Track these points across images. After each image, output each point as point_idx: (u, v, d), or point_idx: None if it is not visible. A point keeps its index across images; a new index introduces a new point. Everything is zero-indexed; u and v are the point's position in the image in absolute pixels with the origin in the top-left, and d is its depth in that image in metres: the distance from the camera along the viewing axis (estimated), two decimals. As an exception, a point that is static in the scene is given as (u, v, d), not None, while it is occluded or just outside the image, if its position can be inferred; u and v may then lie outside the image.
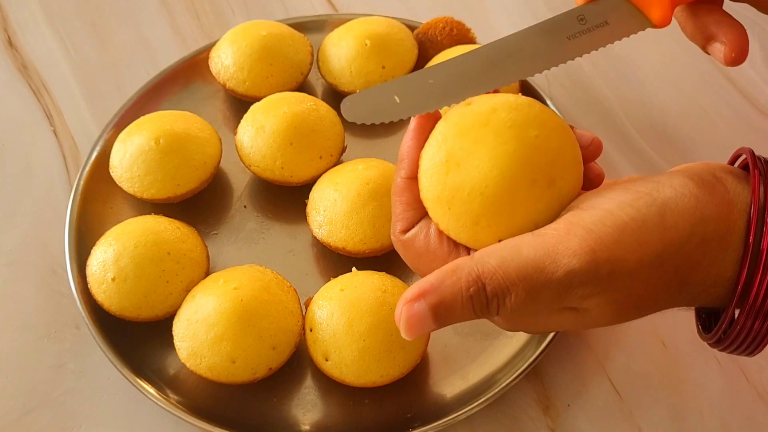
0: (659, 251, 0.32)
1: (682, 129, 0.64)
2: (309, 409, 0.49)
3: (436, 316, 0.33)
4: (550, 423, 0.49)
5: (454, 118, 0.36)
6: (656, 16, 0.38)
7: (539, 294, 0.32)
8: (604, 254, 0.31)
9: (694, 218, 0.32)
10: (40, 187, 0.60)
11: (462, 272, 0.33)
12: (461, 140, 0.35)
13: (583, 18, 0.39)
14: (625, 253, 0.31)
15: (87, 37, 0.71)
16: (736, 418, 0.49)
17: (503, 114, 0.35)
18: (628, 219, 0.32)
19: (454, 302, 0.32)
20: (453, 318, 0.33)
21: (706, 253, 0.33)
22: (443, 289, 0.33)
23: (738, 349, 0.35)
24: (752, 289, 0.32)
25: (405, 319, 0.33)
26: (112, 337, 0.50)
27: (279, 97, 0.58)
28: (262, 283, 0.49)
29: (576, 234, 0.32)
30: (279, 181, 0.57)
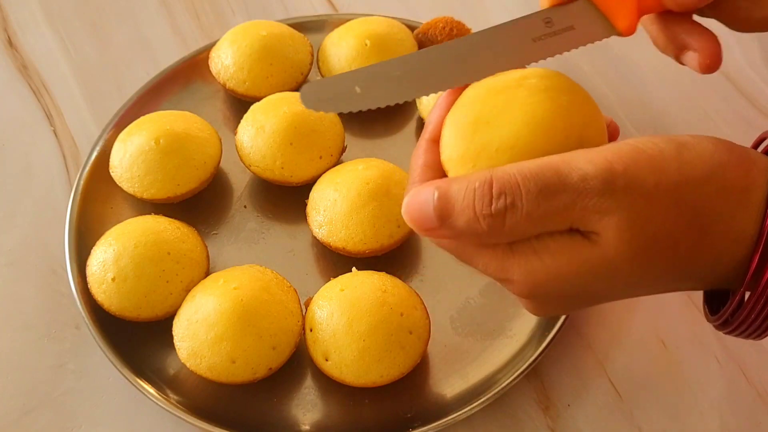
0: (677, 182, 0.31)
1: (682, 129, 0.64)
2: (309, 409, 0.49)
3: (438, 205, 0.31)
4: (550, 423, 0.49)
5: (485, 84, 0.36)
6: (622, 25, 0.38)
7: (552, 196, 0.30)
8: (620, 167, 0.30)
9: (713, 161, 0.31)
10: (40, 187, 0.60)
11: (474, 175, 0.31)
12: (492, 100, 0.35)
13: (550, 21, 0.39)
14: (641, 172, 0.30)
15: (87, 37, 0.71)
16: (736, 418, 0.49)
17: (535, 80, 0.35)
18: (645, 147, 0.31)
19: (459, 193, 0.31)
20: (454, 215, 0.31)
21: (727, 203, 0.32)
22: (453, 181, 0.32)
23: (745, 332, 0.34)
24: (765, 272, 0.31)
25: (409, 198, 0.32)
26: (112, 337, 0.51)
27: (279, 97, 0.58)
28: (262, 283, 0.49)
29: (593, 149, 0.31)
30: (279, 181, 0.57)
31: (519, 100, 0.34)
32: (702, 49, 0.38)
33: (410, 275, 0.54)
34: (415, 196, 0.32)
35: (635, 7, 0.38)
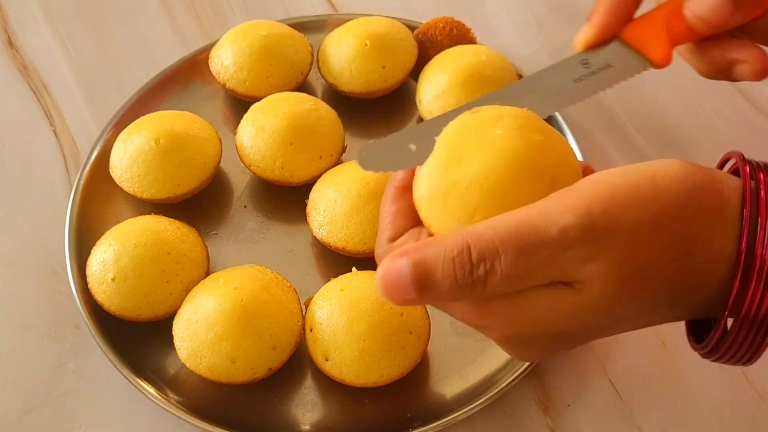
0: (656, 212, 0.31)
1: (682, 129, 0.64)
2: (309, 409, 0.49)
3: (415, 278, 0.30)
4: (550, 423, 0.49)
5: (459, 123, 0.36)
6: (657, 57, 0.39)
7: (531, 254, 0.30)
8: (599, 208, 0.30)
9: (687, 184, 0.31)
10: (40, 187, 0.60)
11: (450, 236, 0.30)
12: (465, 139, 0.34)
13: (587, 62, 0.40)
14: (621, 209, 0.30)
15: (87, 37, 0.71)
16: (736, 418, 0.49)
17: (509, 120, 0.35)
18: (620, 182, 0.31)
19: (436, 264, 0.30)
20: (434, 287, 0.30)
21: (705, 224, 0.32)
22: (427, 249, 0.30)
23: (732, 359, 0.34)
24: (746, 298, 0.31)
25: (382, 274, 0.30)
26: (112, 337, 0.51)
27: (279, 97, 0.58)
28: (262, 283, 0.49)
29: (567, 194, 0.31)
30: (279, 181, 0.57)
31: (492, 138, 0.34)
32: (749, 57, 0.38)
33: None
34: (389, 270, 0.31)
35: (667, 40, 0.39)
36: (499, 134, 0.34)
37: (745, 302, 0.31)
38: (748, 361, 0.34)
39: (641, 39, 0.39)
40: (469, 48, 0.61)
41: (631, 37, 0.40)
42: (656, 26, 0.40)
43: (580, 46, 0.40)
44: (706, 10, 0.38)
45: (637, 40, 0.40)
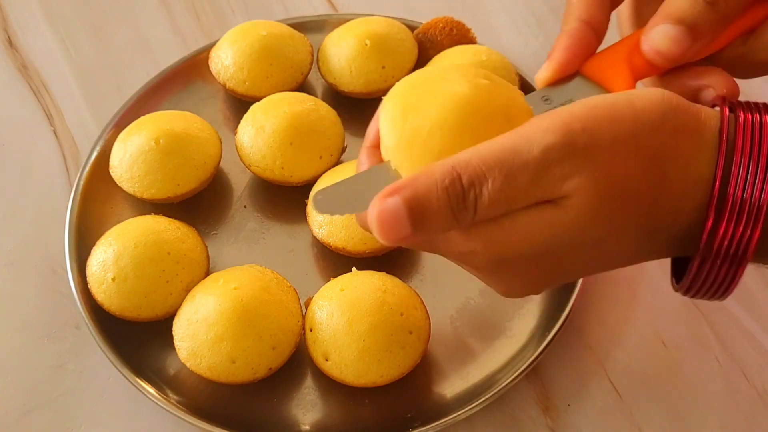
0: (633, 130, 0.31)
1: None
2: (309, 409, 0.49)
3: (411, 213, 0.30)
4: (550, 423, 0.49)
5: (407, 80, 0.37)
6: (619, 90, 0.39)
7: (517, 177, 0.30)
8: (578, 125, 0.31)
9: (664, 105, 0.32)
10: (40, 187, 0.61)
11: (436, 167, 0.31)
12: (416, 90, 0.35)
13: (548, 99, 0.39)
14: (599, 125, 0.31)
15: (87, 37, 0.71)
16: (736, 418, 0.49)
17: (454, 72, 0.36)
18: (598, 102, 0.32)
19: (429, 195, 0.30)
20: (430, 218, 0.31)
21: (683, 144, 0.32)
22: (417, 184, 0.31)
23: (707, 293, 0.35)
24: (719, 231, 0.32)
25: (377, 215, 0.30)
26: (112, 337, 0.51)
27: (279, 97, 0.58)
28: (262, 283, 0.49)
29: (547, 117, 0.31)
30: (279, 181, 0.57)
31: (442, 87, 0.35)
32: (714, 82, 0.38)
33: (410, 275, 0.54)
34: (384, 210, 0.31)
35: (629, 74, 0.39)
36: (449, 83, 0.35)
37: (719, 234, 0.32)
38: (723, 294, 0.34)
39: (603, 73, 0.39)
40: (469, 48, 0.61)
41: (593, 71, 0.39)
42: (618, 60, 0.39)
43: (542, 82, 0.40)
44: (662, 43, 0.38)
45: (598, 75, 0.39)
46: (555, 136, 0.30)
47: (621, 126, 0.31)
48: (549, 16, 0.71)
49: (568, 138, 0.31)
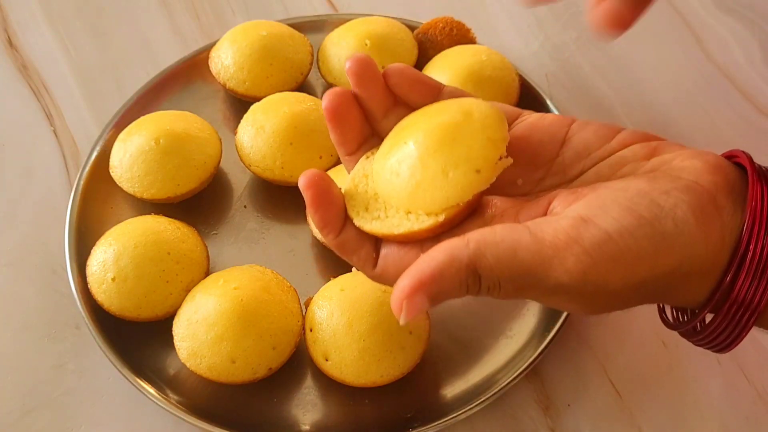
0: (645, 279, 0.33)
1: (682, 129, 0.64)
2: (309, 409, 0.49)
3: (433, 302, 0.33)
4: (550, 423, 0.49)
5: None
6: None
7: (526, 291, 0.34)
8: (593, 277, 0.32)
9: (684, 256, 0.33)
10: (40, 187, 0.60)
11: (461, 264, 0.33)
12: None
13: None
14: (613, 278, 0.32)
15: (87, 37, 0.71)
16: (736, 418, 0.49)
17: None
18: (626, 249, 0.32)
19: (452, 289, 0.33)
20: (447, 299, 0.34)
21: (687, 283, 0.34)
22: (443, 282, 0.33)
23: (711, 343, 0.36)
24: (737, 284, 0.33)
25: (406, 310, 0.33)
26: (112, 337, 0.51)
27: (279, 97, 0.58)
28: (262, 283, 0.49)
29: (573, 253, 0.32)
30: (279, 181, 0.57)
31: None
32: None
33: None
34: (410, 307, 0.33)
35: None
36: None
37: (735, 289, 0.33)
38: (726, 348, 0.36)
39: None
40: (469, 48, 0.61)
41: None
42: None
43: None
44: None
45: None
46: (570, 280, 0.32)
47: (634, 277, 0.33)
48: (549, 17, 0.71)
49: (581, 285, 0.32)
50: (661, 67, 0.68)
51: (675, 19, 0.71)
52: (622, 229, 0.32)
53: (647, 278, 0.33)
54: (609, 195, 0.33)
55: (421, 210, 0.35)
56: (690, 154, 0.35)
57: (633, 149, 0.36)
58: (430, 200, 0.35)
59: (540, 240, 0.32)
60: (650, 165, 0.35)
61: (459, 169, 0.34)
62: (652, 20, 0.71)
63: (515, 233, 0.33)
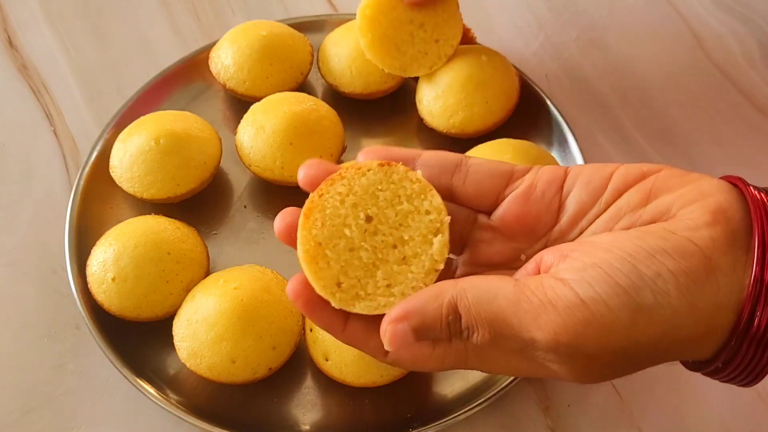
0: (623, 346, 0.32)
1: (682, 128, 0.64)
2: (309, 409, 0.49)
3: (416, 334, 0.35)
4: (550, 423, 0.49)
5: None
6: None
7: (503, 341, 0.34)
8: (565, 339, 0.32)
9: (666, 327, 0.32)
10: (40, 187, 0.60)
11: (444, 299, 0.34)
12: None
13: None
14: (586, 342, 0.32)
15: (87, 37, 0.71)
16: (736, 418, 0.49)
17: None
18: (599, 316, 0.32)
19: (434, 325, 0.34)
20: (430, 336, 0.35)
21: (681, 348, 0.33)
22: (426, 314, 0.34)
23: (735, 379, 0.35)
24: (755, 318, 0.32)
25: (389, 336, 0.35)
26: (112, 337, 0.51)
27: (279, 97, 0.58)
28: (262, 283, 0.49)
29: (547, 312, 0.32)
30: (279, 181, 0.57)
31: None
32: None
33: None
34: (394, 332, 0.35)
35: None
36: None
37: (754, 323, 0.32)
38: (752, 382, 0.35)
39: None
40: (469, 48, 0.61)
41: None
42: None
43: None
44: None
45: None
46: (543, 337, 0.32)
47: (610, 344, 0.32)
48: (549, 17, 0.71)
49: (553, 344, 0.32)
50: (661, 67, 0.68)
51: (675, 19, 0.71)
52: (597, 297, 0.32)
53: (627, 345, 0.32)
54: (594, 255, 0.33)
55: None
56: (690, 197, 0.34)
57: (628, 197, 0.35)
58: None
59: (521, 292, 0.33)
60: (648, 214, 0.35)
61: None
62: (652, 20, 0.71)
63: (501, 282, 0.34)
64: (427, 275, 0.36)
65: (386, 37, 0.58)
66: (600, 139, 0.63)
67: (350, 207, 0.37)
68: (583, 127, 0.63)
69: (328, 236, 0.37)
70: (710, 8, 0.71)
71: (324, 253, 0.37)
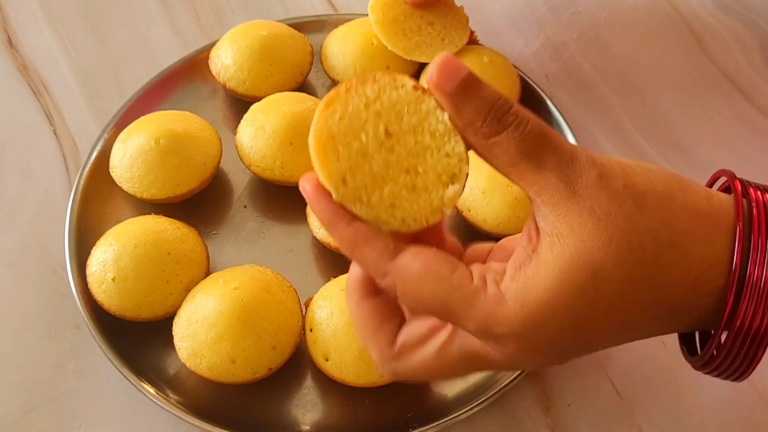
0: (643, 191, 0.31)
1: (682, 128, 0.64)
2: (309, 409, 0.49)
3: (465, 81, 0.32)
4: (550, 423, 0.49)
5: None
6: None
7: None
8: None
9: (672, 180, 0.32)
10: (40, 187, 0.60)
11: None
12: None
13: None
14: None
15: (87, 37, 0.71)
16: (736, 418, 0.49)
17: None
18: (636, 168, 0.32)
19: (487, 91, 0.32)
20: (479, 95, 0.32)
21: (697, 223, 0.32)
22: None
23: (725, 373, 0.35)
24: (739, 313, 0.31)
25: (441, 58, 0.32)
26: (112, 337, 0.50)
27: (279, 97, 0.58)
28: (262, 283, 0.49)
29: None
30: (279, 181, 0.57)
31: None
32: None
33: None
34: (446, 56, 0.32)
35: None
36: None
37: (739, 317, 0.32)
38: (741, 376, 0.35)
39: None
40: (471, 49, 0.61)
41: None
42: None
43: None
44: None
45: None
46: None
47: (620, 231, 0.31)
48: (549, 17, 0.71)
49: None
50: (661, 67, 0.68)
51: (675, 19, 0.71)
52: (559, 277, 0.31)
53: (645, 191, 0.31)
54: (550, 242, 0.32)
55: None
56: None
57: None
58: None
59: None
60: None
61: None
62: (652, 20, 0.71)
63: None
64: (432, 213, 0.34)
65: (396, 21, 0.60)
66: (600, 139, 0.63)
67: (373, 114, 0.35)
68: (583, 127, 0.63)
69: (343, 131, 0.35)
70: (710, 8, 0.71)
71: (335, 146, 0.35)
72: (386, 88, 0.35)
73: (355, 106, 0.35)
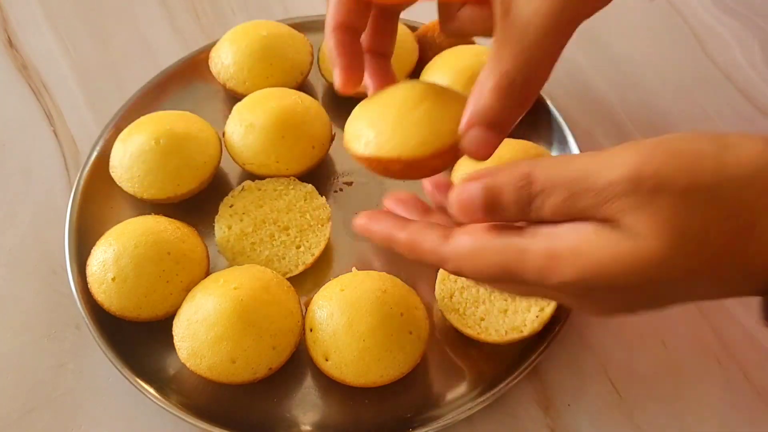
0: (713, 183, 0.30)
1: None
2: (309, 409, 0.49)
3: (485, 200, 0.34)
4: (550, 423, 0.49)
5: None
6: None
7: (579, 198, 0.32)
8: (648, 168, 0.31)
9: (759, 162, 0.31)
10: (40, 187, 0.61)
11: (517, 167, 0.33)
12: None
13: None
14: (673, 172, 0.31)
15: (87, 37, 0.71)
16: (736, 418, 0.49)
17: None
18: (683, 147, 0.31)
19: (504, 189, 0.33)
20: (499, 207, 0.34)
21: (749, 235, 0.31)
22: (498, 176, 0.34)
23: None
24: None
25: (457, 195, 0.34)
26: (112, 337, 0.51)
27: (262, 94, 0.58)
28: (262, 283, 0.49)
29: (626, 149, 0.32)
30: (275, 175, 0.57)
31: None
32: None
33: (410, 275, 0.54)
34: (463, 192, 0.34)
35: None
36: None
37: None
38: None
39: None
40: (469, 48, 0.61)
41: None
42: None
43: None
44: None
45: None
46: (621, 173, 0.31)
47: (699, 177, 0.31)
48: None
49: (634, 177, 0.31)
50: (661, 67, 0.68)
51: (675, 19, 0.71)
52: (686, 135, 0.32)
53: (716, 183, 0.30)
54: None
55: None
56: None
57: None
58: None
59: (597, 152, 0.32)
60: None
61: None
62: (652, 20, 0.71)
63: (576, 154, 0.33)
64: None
65: None
66: (600, 139, 0.63)
67: None
68: (583, 127, 0.63)
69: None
70: (710, 8, 0.71)
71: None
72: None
73: None
